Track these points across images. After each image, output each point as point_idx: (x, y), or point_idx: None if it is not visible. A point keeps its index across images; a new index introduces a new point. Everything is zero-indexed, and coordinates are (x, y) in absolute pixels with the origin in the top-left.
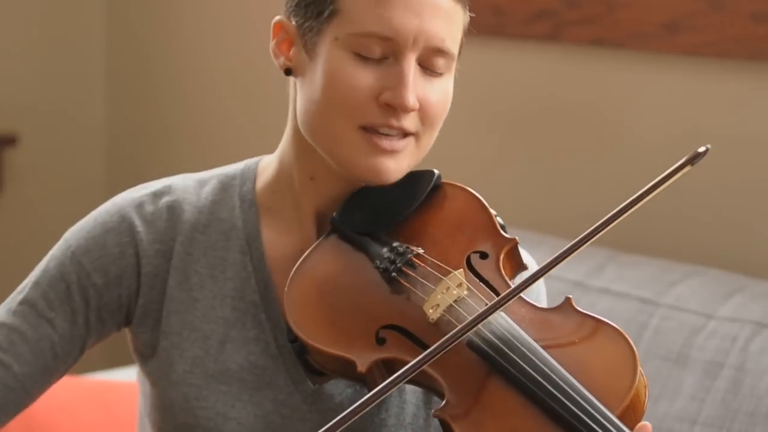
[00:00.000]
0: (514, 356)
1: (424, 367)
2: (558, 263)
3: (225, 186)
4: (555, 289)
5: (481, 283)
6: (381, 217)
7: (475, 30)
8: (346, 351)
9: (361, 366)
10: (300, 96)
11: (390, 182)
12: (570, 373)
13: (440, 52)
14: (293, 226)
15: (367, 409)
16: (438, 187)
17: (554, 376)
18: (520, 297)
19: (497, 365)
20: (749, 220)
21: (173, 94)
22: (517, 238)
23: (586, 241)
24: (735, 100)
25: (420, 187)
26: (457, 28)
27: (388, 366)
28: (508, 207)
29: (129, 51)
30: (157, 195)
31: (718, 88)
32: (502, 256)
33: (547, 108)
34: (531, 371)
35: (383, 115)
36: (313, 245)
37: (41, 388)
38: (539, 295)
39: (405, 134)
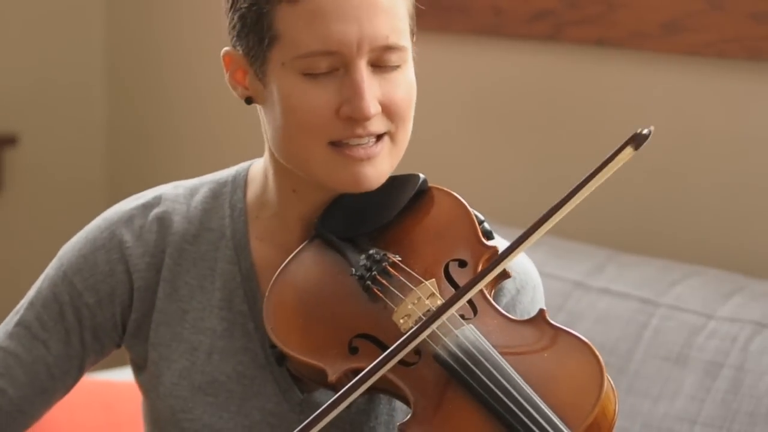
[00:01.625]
0: (477, 371)
1: (382, 373)
2: (502, 260)
3: (216, 194)
4: (555, 288)
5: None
6: (363, 222)
7: (473, 28)
8: (318, 359)
9: (332, 375)
10: (266, 122)
11: (373, 188)
12: (534, 390)
13: (389, 48)
14: (281, 235)
15: (325, 421)
16: (423, 191)
17: (515, 393)
18: (493, 307)
19: (461, 379)
20: (749, 220)
21: (173, 94)
22: (497, 246)
23: (531, 234)
24: (735, 100)
25: (404, 193)
26: (400, 17)
27: None
28: (507, 207)
29: (129, 51)
30: (147, 207)
31: (718, 88)
32: (480, 265)
33: (547, 108)
34: (493, 387)
35: (348, 127)
36: (296, 250)
37: (41, 409)
38: (534, 295)
39: (378, 137)
